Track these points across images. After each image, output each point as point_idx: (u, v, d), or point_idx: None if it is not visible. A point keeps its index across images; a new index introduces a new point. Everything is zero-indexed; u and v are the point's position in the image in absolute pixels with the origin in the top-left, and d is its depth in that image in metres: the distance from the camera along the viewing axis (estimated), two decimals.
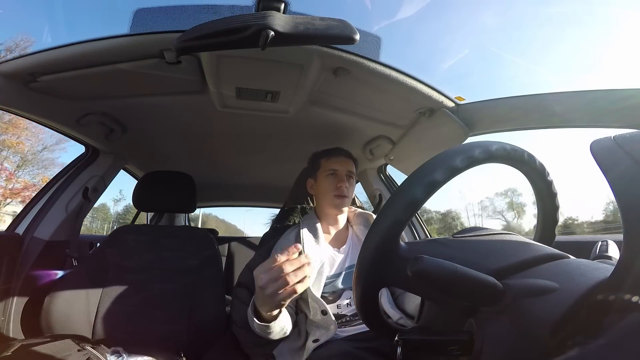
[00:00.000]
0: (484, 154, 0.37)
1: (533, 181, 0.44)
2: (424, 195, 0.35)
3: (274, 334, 0.67)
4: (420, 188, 0.35)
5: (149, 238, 1.13)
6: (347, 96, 0.99)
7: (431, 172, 0.36)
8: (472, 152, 0.36)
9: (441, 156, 0.37)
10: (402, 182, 0.37)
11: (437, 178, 0.35)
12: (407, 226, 0.64)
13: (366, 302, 0.40)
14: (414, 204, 0.35)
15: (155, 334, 0.97)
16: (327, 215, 0.97)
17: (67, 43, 0.77)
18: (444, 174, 0.35)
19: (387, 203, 0.37)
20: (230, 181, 1.90)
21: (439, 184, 0.35)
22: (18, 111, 0.91)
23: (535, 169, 0.42)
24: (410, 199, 0.35)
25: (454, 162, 0.36)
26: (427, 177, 0.35)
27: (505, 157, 0.39)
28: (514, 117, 0.91)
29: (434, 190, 0.36)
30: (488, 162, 0.38)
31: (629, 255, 0.24)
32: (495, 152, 0.37)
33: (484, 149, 0.37)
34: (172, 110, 1.08)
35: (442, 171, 0.35)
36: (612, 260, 0.38)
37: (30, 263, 1.01)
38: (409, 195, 0.35)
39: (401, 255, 0.37)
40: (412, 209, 0.35)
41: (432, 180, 0.35)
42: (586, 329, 0.26)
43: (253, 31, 0.59)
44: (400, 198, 0.36)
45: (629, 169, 0.25)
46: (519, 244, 0.41)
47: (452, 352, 0.34)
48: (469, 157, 0.36)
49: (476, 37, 36.80)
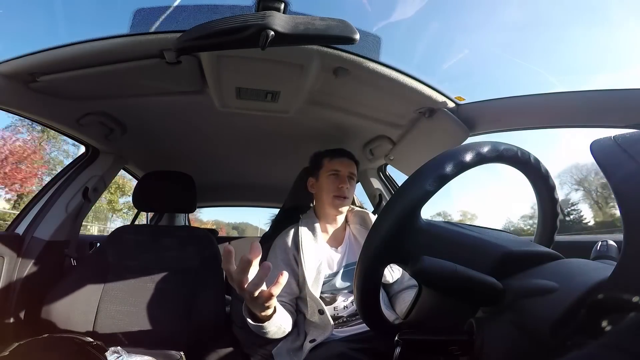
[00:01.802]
0: (494, 152, 0.39)
1: (536, 185, 0.44)
2: (453, 172, 0.37)
3: (271, 333, 0.66)
4: (451, 165, 0.37)
5: (149, 238, 1.13)
6: (347, 96, 0.99)
7: (460, 154, 0.37)
8: (498, 146, 0.39)
9: (471, 144, 0.39)
10: (431, 159, 0.39)
11: (466, 159, 0.37)
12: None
13: (368, 286, 0.40)
14: (442, 177, 0.37)
15: (155, 334, 0.97)
16: (326, 215, 0.97)
17: (67, 43, 0.77)
18: (473, 159, 0.38)
19: (417, 173, 0.38)
20: (230, 181, 1.90)
21: (467, 165, 0.37)
22: (18, 111, 0.91)
23: (540, 174, 0.42)
24: (440, 172, 0.37)
25: (483, 149, 0.38)
26: (456, 157, 0.37)
27: (507, 158, 0.40)
28: (514, 117, 0.91)
29: (461, 170, 0.37)
30: (496, 161, 0.39)
31: (629, 255, 0.24)
32: (504, 153, 0.39)
33: (509, 147, 0.39)
34: (172, 110, 1.08)
35: (471, 155, 0.38)
36: (612, 260, 0.38)
37: (30, 263, 1.01)
38: (440, 169, 0.37)
39: (417, 228, 0.38)
40: (440, 182, 0.37)
41: (461, 161, 0.37)
42: (586, 329, 0.26)
43: (253, 31, 0.59)
44: (431, 170, 0.37)
45: (629, 168, 0.25)
46: (524, 241, 0.41)
47: (452, 352, 0.34)
48: (495, 149, 0.38)
49: (476, 37, 36.93)
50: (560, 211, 0.46)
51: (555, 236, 0.47)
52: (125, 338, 0.95)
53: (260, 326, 0.62)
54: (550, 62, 73.66)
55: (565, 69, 71.27)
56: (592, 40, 71.30)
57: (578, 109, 0.78)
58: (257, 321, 0.61)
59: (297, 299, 0.90)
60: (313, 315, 0.83)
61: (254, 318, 0.61)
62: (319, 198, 0.98)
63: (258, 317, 0.60)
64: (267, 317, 0.61)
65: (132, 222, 1.76)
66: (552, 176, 0.44)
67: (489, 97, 0.92)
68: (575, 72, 65.49)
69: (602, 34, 69.12)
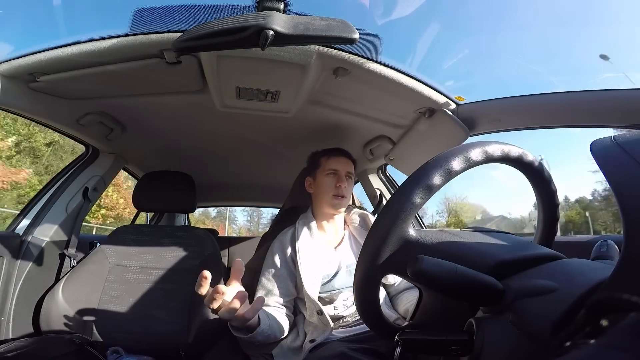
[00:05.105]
0: (500, 152, 0.39)
1: (537, 188, 0.44)
2: (440, 182, 0.37)
3: (259, 342, 0.67)
4: (437, 175, 0.37)
5: (149, 238, 1.13)
6: (347, 96, 0.99)
7: (447, 161, 0.37)
8: (488, 147, 0.39)
9: (459, 148, 0.38)
10: (418, 168, 0.39)
11: (454, 167, 0.37)
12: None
13: (367, 290, 0.40)
14: (429, 188, 0.36)
15: (155, 334, 0.97)
16: (324, 215, 0.97)
17: (67, 43, 0.77)
18: (460, 164, 0.37)
19: (401, 187, 0.38)
20: (230, 181, 1.90)
21: (454, 173, 0.37)
22: (18, 111, 0.91)
23: (542, 177, 0.42)
24: (427, 183, 0.36)
25: (469, 154, 0.38)
26: (443, 165, 0.37)
27: (509, 159, 0.40)
28: (514, 117, 0.90)
29: (449, 178, 0.37)
30: (499, 162, 0.40)
31: (629, 255, 0.24)
32: (507, 154, 0.40)
33: (497, 147, 0.39)
34: (172, 110, 1.08)
35: (459, 161, 0.37)
36: (612, 260, 0.38)
37: (30, 263, 1.01)
38: (425, 179, 0.37)
39: (410, 240, 0.38)
40: (427, 194, 0.37)
41: (448, 169, 0.37)
42: (586, 329, 0.26)
43: (253, 31, 0.59)
44: (417, 182, 0.37)
45: (629, 169, 0.25)
46: (523, 242, 0.41)
47: (452, 352, 0.34)
48: (485, 151, 0.38)
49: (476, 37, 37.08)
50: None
51: (556, 231, 0.47)
52: (125, 338, 0.95)
53: (245, 339, 0.63)
54: (550, 62, 73.63)
55: (565, 69, 71.27)
56: (592, 40, 71.27)
57: (578, 109, 0.78)
58: (238, 333, 0.62)
59: (296, 299, 0.90)
60: (312, 316, 0.83)
61: (236, 330, 0.61)
62: (317, 198, 0.98)
63: (241, 329, 0.61)
64: (252, 328, 0.62)
65: (132, 222, 1.76)
66: (554, 181, 0.44)
67: (489, 97, 0.92)
68: (575, 72, 65.44)
69: (602, 34, 69.07)
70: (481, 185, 42.97)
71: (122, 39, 0.75)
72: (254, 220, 31.16)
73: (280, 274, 0.89)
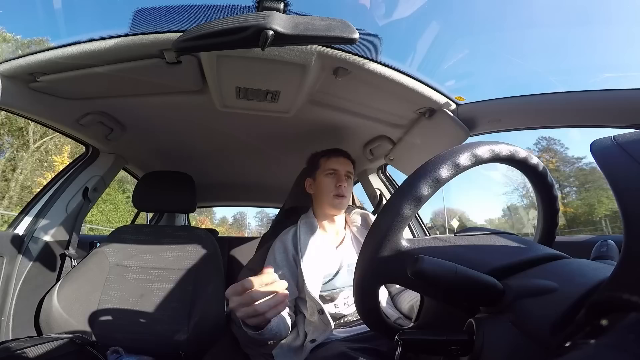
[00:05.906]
0: (490, 152, 0.38)
1: (535, 183, 0.44)
2: (429, 192, 0.36)
3: (267, 339, 0.66)
4: (426, 184, 0.36)
5: (149, 238, 1.13)
6: (347, 96, 0.99)
7: (435, 169, 0.36)
8: (476, 148, 0.37)
9: (446, 153, 0.38)
10: (407, 178, 0.38)
11: (442, 175, 0.36)
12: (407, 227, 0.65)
13: (366, 299, 0.41)
14: (418, 199, 0.36)
15: (155, 334, 0.97)
16: (325, 215, 0.97)
17: (67, 43, 0.77)
18: (449, 171, 0.36)
19: (391, 198, 0.38)
20: (230, 181, 1.90)
21: (444, 180, 0.36)
22: (18, 111, 0.91)
23: (538, 172, 0.42)
24: (416, 194, 0.36)
25: (458, 159, 0.37)
26: (432, 173, 0.36)
27: (509, 159, 0.40)
28: (514, 117, 0.90)
29: (438, 186, 0.36)
30: (493, 161, 0.39)
31: (629, 255, 0.24)
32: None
33: (489, 147, 0.38)
34: (172, 110, 1.08)
35: (447, 168, 0.36)
36: (612, 260, 0.38)
37: (30, 263, 1.01)
38: (414, 190, 0.36)
39: (403, 251, 0.38)
40: (417, 205, 0.36)
41: (437, 177, 0.36)
42: (586, 329, 0.26)
43: (253, 31, 0.59)
44: (405, 193, 0.36)
45: (629, 168, 0.25)
46: (520, 244, 0.41)
47: (452, 352, 0.34)
48: (474, 154, 0.37)
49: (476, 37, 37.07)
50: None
51: (556, 231, 0.47)
52: (125, 338, 0.95)
53: (254, 335, 0.62)
54: (550, 62, 73.64)
55: (565, 69, 71.27)
56: (593, 40, 71.27)
57: (578, 109, 0.78)
58: (250, 330, 0.61)
59: (296, 299, 0.90)
60: (313, 315, 0.83)
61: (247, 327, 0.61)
62: (318, 198, 0.98)
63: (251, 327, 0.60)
64: (263, 325, 0.61)
65: (132, 222, 1.76)
66: (550, 174, 0.44)
67: (489, 97, 0.92)
68: (576, 72, 65.47)
69: (602, 34, 69.09)
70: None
71: (122, 39, 0.75)
72: (264, 224, 31.77)
73: (283, 274, 0.89)
